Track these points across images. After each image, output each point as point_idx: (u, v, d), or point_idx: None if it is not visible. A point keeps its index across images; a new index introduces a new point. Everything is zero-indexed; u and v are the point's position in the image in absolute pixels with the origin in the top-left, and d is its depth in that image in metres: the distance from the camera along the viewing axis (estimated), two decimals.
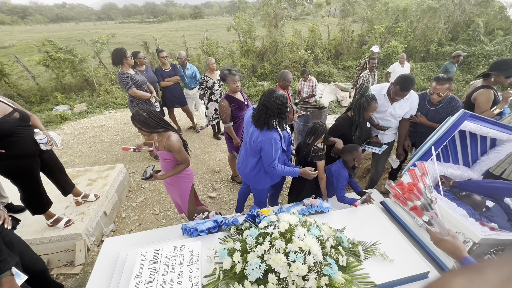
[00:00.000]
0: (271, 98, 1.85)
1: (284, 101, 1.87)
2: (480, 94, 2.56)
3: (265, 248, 1.31)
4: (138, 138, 4.92)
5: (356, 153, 2.14)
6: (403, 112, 2.56)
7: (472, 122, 1.78)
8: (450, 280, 0.27)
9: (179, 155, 2.08)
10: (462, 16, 10.10)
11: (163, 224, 2.84)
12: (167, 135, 2.05)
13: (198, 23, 27.12)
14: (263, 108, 1.88)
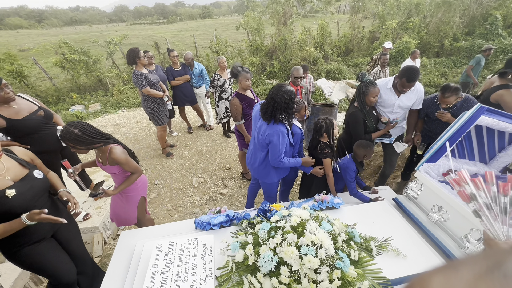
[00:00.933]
0: (279, 92, 1.89)
1: (292, 96, 1.90)
2: (504, 95, 2.41)
3: (277, 241, 1.33)
4: (150, 136, 5.04)
5: (369, 150, 2.15)
6: (411, 103, 2.58)
7: (489, 117, 1.73)
8: (429, 278, 0.28)
9: (127, 166, 1.97)
10: (479, 10, 9.72)
11: (175, 219, 2.91)
12: (108, 149, 1.90)
13: (207, 23, 27.34)
14: (271, 101, 1.92)
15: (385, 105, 2.62)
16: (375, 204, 1.94)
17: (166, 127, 4.09)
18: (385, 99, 2.59)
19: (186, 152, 4.38)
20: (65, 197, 1.71)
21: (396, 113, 2.63)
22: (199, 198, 3.24)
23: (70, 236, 1.88)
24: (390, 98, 2.57)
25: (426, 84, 7.57)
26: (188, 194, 3.34)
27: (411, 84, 2.36)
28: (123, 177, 2.05)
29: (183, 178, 3.68)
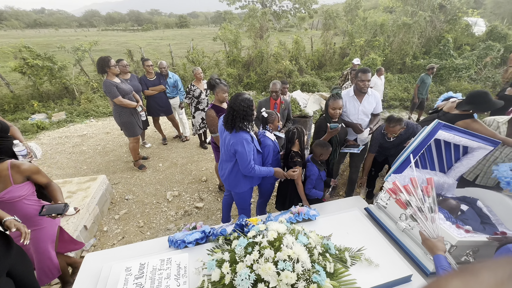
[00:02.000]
0: (237, 101, 1.96)
1: (250, 103, 1.98)
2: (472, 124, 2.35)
3: (254, 257, 1.31)
4: (121, 147, 4.78)
5: (325, 150, 2.28)
6: (371, 107, 2.85)
7: (446, 132, 1.90)
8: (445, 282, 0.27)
9: (40, 175, 1.73)
10: (433, 32, 10.87)
11: (147, 237, 2.75)
12: (7, 165, 1.60)
13: (184, 32, 27.17)
14: (230, 111, 1.99)
15: (351, 113, 2.85)
16: (349, 214, 2.00)
17: (139, 139, 3.92)
18: (350, 107, 2.84)
19: (160, 164, 4.21)
20: (13, 228, 1.42)
21: (362, 120, 2.85)
22: (173, 213, 3.11)
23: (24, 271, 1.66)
24: (354, 105, 2.82)
25: (392, 98, 8.18)
26: (161, 209, 3.19)
27: (366, 75, 2.67)
28: (34, 203, 1.71)
29: (157, 192, 3.52)
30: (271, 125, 2.34)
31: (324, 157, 2.34)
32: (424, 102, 6.22)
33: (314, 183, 2.35)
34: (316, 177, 2.33)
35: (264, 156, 2.26)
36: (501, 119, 2.36)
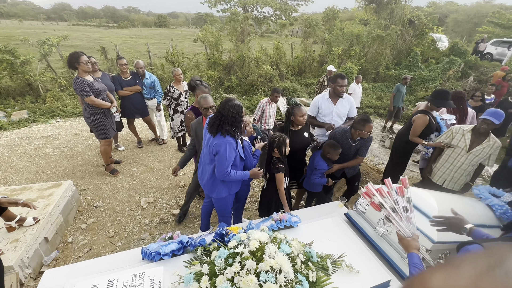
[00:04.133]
0: (226, 106, 1.94)
1: (239, 110, 1.96)
2: (417, 118, 2.95)
3: (235, 269, 1.24)
4: (91, 150, 4.45)
5: (333, 151, 2.49)
6: (345, 110, 3.02)
7: None
8: (429, 275, 0.28)
9: None
10: (403, 45, 11.64)
11: (118, 248, 2.55)
12: None
13: (163, 32, 26.42)
14: (218, 115, 1.97)
15: (325, 114, 2.99)
16: (329, 220, 2.01)
17: (111, 141, 3.67)
18: (324, 108, 2.97)
19: (135, 168, 3.97)
20: None
21: (336, 121, 2.98)
22: (148, 221, 2.92)
23: None
24: (328, 107, 2.97)
25: (366, 105, 8.57)
26: (135, 217, 2.98)
27: (344, 81, 2.86)
28: None
29: (130, 198, 3.30)
30: None
31: (331, 156, 2.53)
32: (400, 111, 6.56)
33: (320, 175, 2.57)
34: (323, 171, 2.56)
35: (247, 161, 2.21)
36: (466, 127, 2.54)
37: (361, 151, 2.63)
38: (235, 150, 1.98)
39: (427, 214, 1.73)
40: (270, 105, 3.86)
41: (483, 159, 2.45)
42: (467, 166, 2.49)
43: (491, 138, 2.38)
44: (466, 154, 2.47)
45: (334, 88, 2.91)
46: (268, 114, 3.87)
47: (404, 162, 3.30)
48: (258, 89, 8.79)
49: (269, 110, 3.85)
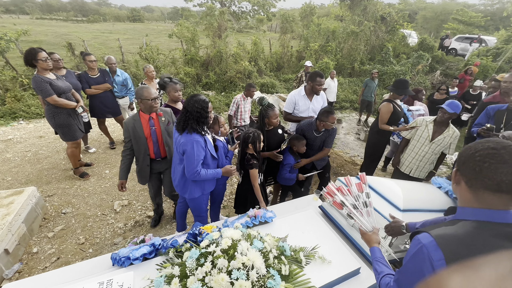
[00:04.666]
0: (190, 102, 1.91)
1: (204, 105, 1.93)
2: (382, 106, 3.16)
3: (206, 269, 1.23)
4: (58, 153, 4.18)
5: (298, 143, 2.61)
6: (320, 106, 3.11)
7: None
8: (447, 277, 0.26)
9: None
10: (377, 41, 12.08)
11: (90, 254, 2.43)
12: None
13: (137, 27, 25.23)
14: (184, 111, 1.92)
15: (302, 110, 3.06)
16: (304, 213, 2.05)
17: (79, 143, 3.46)
18: (301, 104, 3.04)
19: (107, 171, 3.79)
20: None
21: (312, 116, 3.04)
22: (122, 224, 2.81)
23: None
24: (305, 103, 3.04)
25: (343, 99, 8.82)
26: (108, 221, 2.86)
27: (322, 80, 2.91)
28: None
29: (102, 202, 3.15)
30: (211, 129, 2.27)
31: (297, 148, 2.62)
32: (371, 104, 6.82)
33: (288, 170, 2.64)
34: (290, 165, 2.64)
35: (219, 162, 2.18)
36: (428, 119, 2.71)
37: (326, 143, 2.73)
38: (203, 148, 1.93)
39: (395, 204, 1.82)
40: (245, 100, 3.84)
41: (444, 148, 2.62)
42: (430, 155, 2.66)
43: (450, 128, 2.55)
44: (429, 144, 2.64)
45: (312, 86, 2.95)
46: (243, 110, 3.85)
47: (378, 152, 3.45)
48: (237, 85, 8.72)
49: (243, 105, 3.83)
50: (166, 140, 2.43)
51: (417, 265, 0.81)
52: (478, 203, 0.80)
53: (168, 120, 2.44)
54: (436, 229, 0.83)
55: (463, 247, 0.74)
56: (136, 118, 2.30)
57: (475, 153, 0.78)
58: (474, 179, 0.78)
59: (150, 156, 2.41)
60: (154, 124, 2.36)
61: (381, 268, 1.10)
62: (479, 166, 0.76)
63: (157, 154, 2.43)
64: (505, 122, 2.61)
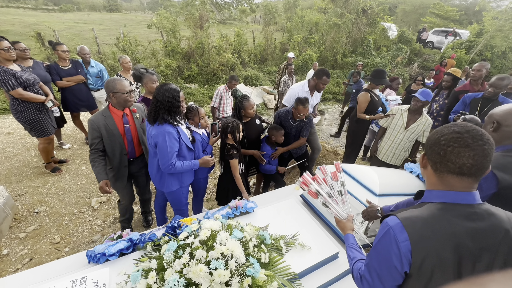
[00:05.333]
0: (160, 91, 1.83)
1: (175, 94, 1.85)
2: (360, 95, 3.25)
3: (184, 261, 1.21)
4: (29, 150, 3.93)
5: (276, 132, 2.63)
6: (317, 100, 3.24)
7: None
8: None
9: None
10: (358, 34, 12.28)
11: (66, 254, 2.33)
12: None
13: (114, 17, 23.94)
14: (154, 101, 1.85)
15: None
16: (285, 202, 2.07)
17: (52, 139, 3.27)
18: None
19: (83, 167, 3.63)
20: None
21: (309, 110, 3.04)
22: (100, 222, 2.71)
23: None
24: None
25: (326, 91, 8.93)
26: (85, 219, 2.74)
27: (327, 80, 3.00)
28: None
29: (79, 200, 3.02)
30: (191, 121, 2.20)
31: (276, 138, 2.63)
32: (353, 96, 6.95)
33: (267, 160, 2.66)
34: (268, 155, 2.65)
35: (196, 154, 2.14)
36: (403, 108, 2.81)
37: (302, 132, 2.77)
38: (177, 140, 1.88)
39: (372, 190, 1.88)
40: (227, 92, 3.79)
41: (418, 136, 2.73)
42: (405, 143, 2.77)
43: (423, 116, 2.66)
44: (404, 132, 2.74)
45: (317, 83, 3.00)
46: (226, 102, 3.80)
47: (358, 141, 3.54)
48: (220, 77, 8.58)
49: (226, 97, 3.78)
50: (142, 138, 2.21)
51: (385, 247, 0.83)
52: (443, 185, 0.83)
53: (142, 117, 2.25)
54: (403, 212, 0.85)
55: (427, 227, 0.78)
56: (106, 115, 2.00)
57: (440, 137, 0.80)
58: (439, 163, 0.80)
59: (127, 152, 2.15)
60: (129, 121, 2.11)
61: (354, 254, 1.12)
62: (443, 150, 0.78)
63: (132, 153, 2.20)
64: (480, 109, 2.77)
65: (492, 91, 2.68)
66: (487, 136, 0.76)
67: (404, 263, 0.79)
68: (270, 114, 6.87)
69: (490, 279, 0.27)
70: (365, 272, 0.93)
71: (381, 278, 0.85)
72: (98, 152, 2.02)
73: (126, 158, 2.14)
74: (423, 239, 0.77)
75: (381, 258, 0.85)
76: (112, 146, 2.04)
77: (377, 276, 0.86)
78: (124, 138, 2.08)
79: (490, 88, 2.69)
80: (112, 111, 2.04)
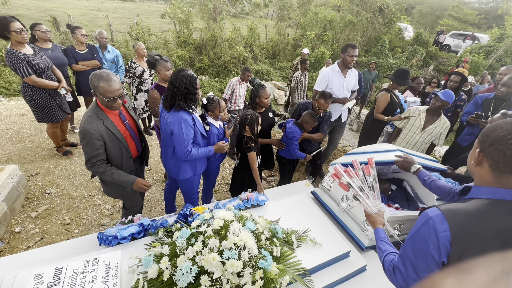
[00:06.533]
0: (177, 77, 1.78)
1: (193, 81, 1.81)
2: (380, 95, 3.14)
3: (197, 249, 1.20)
4: (42, 132, 3.99)
5: (312, 120, 2.51)
6: (353, 83, 3.02)
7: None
8: (440, 280, 0.28)
9: None
10: (373, 33, 12.02)
11: (75, 235, 2.36)
12: None
13: (128, 6, 23.99)
14: (170, 87, 1.80)
15: (336, 88, 2.94)
16: (296, 198, 2.04)
17: (59, 124, 3.26)
18: (335, 82, 2.93)
19: None
20: None
21: (345, 95, 2.99)
22: (109, 206, 2.74)
23: None
24: (339, 80, 2.93)
25: None
26: (95, 202, 2.78)
27: (355, 50, 2.78)
28: None
29: (89, 183, 3.05)
30: (211, 113, 2.16)
31: (308, 125, 2.53)
32: (366, 97, 6.82)
33: (297, 144, 2.54)
34: (297, 137, 2.51)
35: (209, 143, 2.12)
36: (421, 108, 2.74)
37: (320, 127, 2.70)
38: (192, 127, 1.85)
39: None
40: (240, 85, 3.75)
41: (435, 138, 2.66)
42: (421, 144, 2.70)
43: (442, 118, 2.59)
44: (420, 133, 2.67)
45: (343, 58, 2.83)
46: (238, 94, 3.76)
47: (371, 142, 3.46)
48: (231, 71, 8.53)
49: (239, 89, 3.74)
50: (140, 129, 2.00)
51: (422, 236, 0.82)
52: (498, 184, 0.78)
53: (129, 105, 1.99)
54: (445, 204, 0.83)
55: (470, 220, 0.76)
56: (103, 117, 1.67)
57: (507, 135, 0.73)
58: (502, 163, 0.74)
59: (133, 156, 1.90)
60: (126, 117, 1.85)
61: (385, 247, 1.11)
62: (511, 149, 0.72)
63: (135, 151, 1.97)
64: (493, 110, 2.69)
65: (505, 90, 2.61)
66: None
67: (442, 253, 0.77)
68: (280, 110, 6.81)
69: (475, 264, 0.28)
70: (399, 263, 0.91)
71: (416, 268, 0.84)
72: (104, 161, 1.72)
73: (132, 161, 1.90)
74: (465, 231, 0.75)
75: (417, 247, 0.83)
76: (116, 152, 1.76)
77: (411, 266, 0.85)
78: (127, 138, 1.83)
79: (503, 88, 2.62)
80: (107, 112, 1.71)
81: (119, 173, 1.77)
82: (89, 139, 1.62)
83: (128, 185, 1.81)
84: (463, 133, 2.96)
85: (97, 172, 1.73)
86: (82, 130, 1.62)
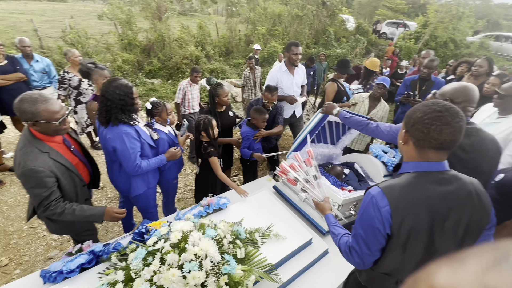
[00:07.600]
0: (109, 88, 1.62)
1: (127, 91, 1.67)
2: (328, 85, 3.38)
3: (154, 268, 1.13)
4: None
5: (259, 116, 2.47)
6: (301, 79, 3.10)
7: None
8: (434, 270, 0.28)
9: None
10: (319, 25, 12.65)
11: (17, 276, 2.06)
12: None
13: (58, 7, 21.31)
14: (103, 101, 1.64)
15: (286, 87, 2.97)
16: (258, 195, 2.06)
17: None
18: (284, 81, 2.95)
19: None
20: None
21: (295, 92, 3.04)
22: (57, 236, 2.44)
23: None
24: (288, 79, 2.97)
25: None
26: (38, 234, 2.45)
27: (298, 48, 2.86)
28: None
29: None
30: (158, 118, 2.05)
31: (257, 122, 2.48)
32: (319, 87, 7.17)
33: (247, 143, 2.53)
34: (250, 138, 2.50)
35: (159, 152, 2.00)
36: (364, 95, 2.98)
37: (276, 120, 2.78)
38: (136, 139, 1.73)
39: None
40: (192, 87, 3.62)
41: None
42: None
43: (382, 102, 2.86)
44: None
45: (289, 57, 2.87)
46: (191, 97, 3.63)
47: None
48: (184, 72, 8.21)
49: (191, 92, 3.61)
50: (87, 151, 1.79)
51: (369, 214, 0.91)
52: (421, 158, 0.91)
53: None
54: (383, 182, 0.96)
55: (404, 193, 0.88)
56: (46, 150, 1.41)
57: (423, 116, 0.85)
58: (422, 140, 0.86)
59: (86, 182, 1.70)
60: (71, 143, 1.62)
61: (338, 230, 1.18)
62: (427, 128, 0.83)
63: (91, 174, 1.80)
64: (419, 89, 3.09)
65: (427, 71, 3.03)
66: (462, 113, 0.83)
67: (386, 225, 0.88)
68: (239, 107, 6.80)
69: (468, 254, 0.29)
70: (353, 243, 1.00)
71: (368, 243, 0.93)
72: (60, 200, 1.48)
73: (86, 188, 1.70)
74: (401, 203, 0.87)
75: (366, 225, 0.93)
76: (69, 184, 1.54)
77: (363, 243, 0.94)
78: (78, 166, 1.61)
79: (425, 70, 3.04)
80: (48, 141, 1.44)
81: (81, 207, 1.52)
82: (38, 179, 1.35)
83: (97, 218, 1.58)
84: (398, 112, 3.36)
85: (54, 214, 1.46)
86: (26, 171, 1.33)
